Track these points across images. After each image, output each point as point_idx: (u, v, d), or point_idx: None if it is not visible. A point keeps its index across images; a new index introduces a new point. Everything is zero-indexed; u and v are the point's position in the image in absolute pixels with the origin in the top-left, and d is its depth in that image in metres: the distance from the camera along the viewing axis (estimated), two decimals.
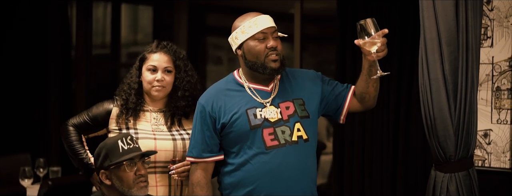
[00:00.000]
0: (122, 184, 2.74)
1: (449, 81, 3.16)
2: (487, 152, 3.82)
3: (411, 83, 4.09)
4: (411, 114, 4.10)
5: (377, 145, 4.21)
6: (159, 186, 3.13)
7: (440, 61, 3.17)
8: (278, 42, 2.91)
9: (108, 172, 2.76)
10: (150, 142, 3.09)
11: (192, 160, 2.98)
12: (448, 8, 3.14)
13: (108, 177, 2.76)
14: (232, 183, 2.94)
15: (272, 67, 2.88)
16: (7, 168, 4.81)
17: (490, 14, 3.77)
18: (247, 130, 2.88)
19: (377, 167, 4.21)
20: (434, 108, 3.19)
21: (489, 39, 3.78)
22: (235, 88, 2.96)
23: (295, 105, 2.95)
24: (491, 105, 3.79)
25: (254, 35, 2.87)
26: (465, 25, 3.16)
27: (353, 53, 4.28)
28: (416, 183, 4.11)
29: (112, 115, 3.17)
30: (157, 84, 3.12)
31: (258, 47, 2.87)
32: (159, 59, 3.14)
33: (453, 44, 3.15)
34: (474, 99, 3.23)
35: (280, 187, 2.89)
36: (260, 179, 2.89)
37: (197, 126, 2.96)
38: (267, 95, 2.95)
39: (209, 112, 2.92)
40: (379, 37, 2.77)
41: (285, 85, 2.99)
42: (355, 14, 4.23)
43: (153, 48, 3.18)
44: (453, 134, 3.19)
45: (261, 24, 2.87)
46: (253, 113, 2.90)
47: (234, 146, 2.93)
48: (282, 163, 2.88)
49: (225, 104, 2.92)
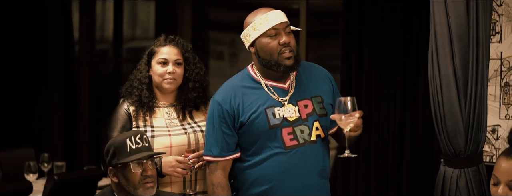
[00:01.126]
0: (128, 183, 2.72)
1: (459, 76, 3.16)
2: (495, 147, 3.82)
3: (417, 79, 4.08)
4: (417, 109, 4.09)
5: (383, 141, 4.20)
6: (174, 183, 3.13)
7: (451, 56, 3.15)
8: (291, 37, 2.84)
9: (115, 170, 2.74)
10: (165, 139, 3.10)
11: (212, 159, 2.91)
12: (459, 3, 3.14)
13: (116, 175, 2.74)
14: (248, 180, 2.91)
15: (286, 65, 2.81)
16: (11, 163, 4.79)
17: (499, 9, 3.76)
18: (266, 130, 2.83)
19: (383, 163, 4.20)
20: (444, 103, 3.19)
21: (498, 34, 3.77)
22: (251, 85, 2.89)
23: (314, 103, 2.90)
24: (499, 100, 3.78)
25: (266, 31, 2.80)
26: (475, 20, 3.15)
27: (358, 48, 4.26)
28: (423, 179, 4.10)
29: (131, 114, 3.15)
30: (168, 77, 3.12)
31: (270, 44, 2.80)
32: (169, 52, 3.14)
33: (463, 39, 3.15)
34: (484, 94, 3.23)
35: (296, 187, 2.86)
36: (277, 178, 2.86)
37: (215, 124, 2.88)
38: (285, 92, 2.89)
39: (227, 110, 2.85)
40: (353, 117, 2.68)
41: (302, 81, 2.93)
42: (361, 9, 4.22)
43: (162, 42, 3.18)
44: (463, 130, 3.19)
45: (272, 20, 2.79)
46: (272, 112, 2.84)
47: (252, 145, 2.88)
48: (300, 162, 2.86)
49: (243, 102, 2.85)
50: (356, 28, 4.25)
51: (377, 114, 4.19)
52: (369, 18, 4.19)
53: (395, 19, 4.13)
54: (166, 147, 3.09)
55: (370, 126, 4.20)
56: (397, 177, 4.17)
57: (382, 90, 4.19)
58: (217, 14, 6.15)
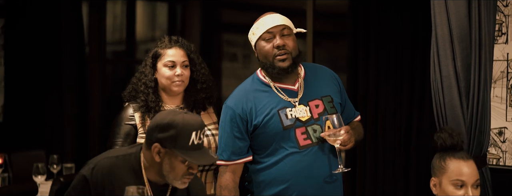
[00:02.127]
0: (171, 171, 2.52)
1: (461, 78, 3.13)
2: (502, 150, 3.76)
3: (424, 78, 4.05)
4: (424, 109, 4.06)
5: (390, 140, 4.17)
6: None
7: (452, 57, 3.13)
8: (289, 39, 2.92)
9: (164, 151, 2.52)
10: None
11: (223, 163, 2.98)
12: (460, 4, 3.10)
13: (159, 154, 2.52)
14: (264, 181, 2.97)
15: (280, 67, 2.90)
16: (22, 165, 4.83)
17: (505, 10, 3.70)
18: (280, 131, 2.91)
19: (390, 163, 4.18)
20: (446, 105, 3.16)
21: (504, 35, 3.72)
22: (262, 89, 2.98)
23: (324, 102, 2.98)
24: (506, 102, 3.73)
25: (261, 35, 2.92)
26: (478, 22, 3.12)
27: (364, 49, 4.24)
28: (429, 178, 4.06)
29: (136, 121, 3.12)
30: (177, 79, 3.11)
31: (266, 47, 2.92)
32: (176, 54, 3.13)
33: (465, 40, 3.12)
34: (487, 97, 3.19)
35: (312, 185, 2.93)
36: (293, 177, 2.93)
37: (226, 129, 2.96)
38: (295, 94, 2.97)
39: (240, 115, 2.94)
40: (340, 132, 2.83)
41: (310, 82, 3.01)
42: (367, 10, 4.19)
43: (167, 43, 3.16)
44: (465, 132, 3.15)
45: (267, 23, 2.91)
46: (284, 113, 2.92)
47: (267, 146, 2.95)
48: (315, 161, 2.93)
49: (256, 105, 2.94)
50: (362, 28, 4.23)
51: (383, 114, 4.17)
52: (375, 18, 4.17)
53: (401, 19, 4.10)
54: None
55: (377, 126, 4.18)
56: (404, 177, 4.14)
57: (388, 90, 4.17)
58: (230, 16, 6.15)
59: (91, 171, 2.58)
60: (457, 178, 2.64)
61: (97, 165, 2.59)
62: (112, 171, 2.57)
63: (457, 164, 2.66)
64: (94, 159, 2.65)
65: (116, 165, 2.58)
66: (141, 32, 6.41)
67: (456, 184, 2.64)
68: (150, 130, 2.55)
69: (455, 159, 2.68)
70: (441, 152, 2.76)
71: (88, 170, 2.59)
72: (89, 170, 2.59)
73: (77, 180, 2.61)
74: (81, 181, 2.59)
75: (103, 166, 2.58)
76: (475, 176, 2.63)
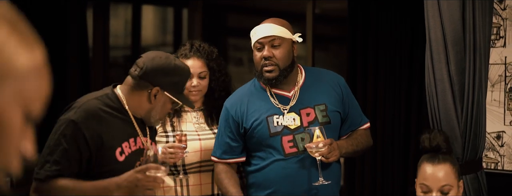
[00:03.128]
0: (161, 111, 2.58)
1: (455, 82, 3.10)
2: (500, 154, 3.74)
3: (422, 83, 4.00)
4: (422, 112, 4.04)
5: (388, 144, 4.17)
6: (204, 184, 3.21)
7: (446, 61, 3.11)
8: (278, 50, 2.94)
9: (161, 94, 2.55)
10: (195, 144, 3.16)
11: (215, 160, 3.08)
12: (453, 7, 3.08)
13: (155, 97, 2.55)
14: (255, 183, 3.03)
15: (265, 77, 2.95)
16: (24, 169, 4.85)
17: (503, 13, 3.68)
18: (266, 137, 2.95)
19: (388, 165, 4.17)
20: (440, 109, 3.15)
21: (502, 39, 3.69)
22: (257, 93, 3.03)
23: (316, 111, 2.98)
24: (504, 106, 3.71)
25: (253, 44, 2.98)
26: (472, 25, 3.10)
27: (363, 53, 4.23)
28: None
29: None
30: (193, 90, 3.18)
31: (256, 57, 2.98)
32: (193, 65, 3.15)
33: (459, 44, 3.09)
34: (482, 100, 3.17)
35: (297, 191, 2.94)
36: (278, 184, 2.96)
37: (221, 128, 3.05)
38: (288, 101, 2.99)
39: (232, 116, 3.00)
40: (319, 145, 2.83)
41: (307, 90, 3.02)
42: (366, 13, 4.18)
43: (187, 52, 3.21)
44: (460, 136, 3.13)
45: (258, 33, 2.95)
46: (273, 120, 2.95)
47: (256, 150, 3.01)
48: (299, 169, 2.94)
49: (248, 109, 2.99)
50: (361, 32, 4.23)
51: (382, 117, 4.17)
52: (374, 22, 4.17)
53: (400, 22, 4.10)
54: (197, 151, 3.16)
55: (375, 129, 4.17)
56: (403, 179, 4.13)
57: (387, 94, 4.16)
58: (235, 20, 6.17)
59: (78, 115, 2.46)
60: (423, 182, 2.61)
61: (81, 108, 2.48)
62: (97, 112, 2.49)
63: (425, 167, 2.62)
64: (75, 104, 2.54)
65: (99, 105, 2.52)
66: (152, 37, 6.45)
67: (421, 188, 2.61)
68: (150, 73, 2.52)
69: (426, 162, 2.65)
70: (423, 154, 2.75)
71: (74, 114, 2.46)
72: (75, 114, 2.46)
73: (64, 127, 2.44)
74: (70, 127, 2.44)
75: (88, 108, 2.49)
76: (443, 181, 2.55)
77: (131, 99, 2.56)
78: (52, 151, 2.41)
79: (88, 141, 2.43)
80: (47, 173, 2.40)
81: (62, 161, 2.40)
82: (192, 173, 3.19)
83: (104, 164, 2.47)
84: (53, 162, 2.40)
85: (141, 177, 2.37)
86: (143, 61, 2.55)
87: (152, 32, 6.49)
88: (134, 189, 2.37)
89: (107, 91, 2.60)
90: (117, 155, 2.50)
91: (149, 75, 2.52)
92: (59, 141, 2.43)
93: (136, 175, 2.36)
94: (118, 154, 2.50)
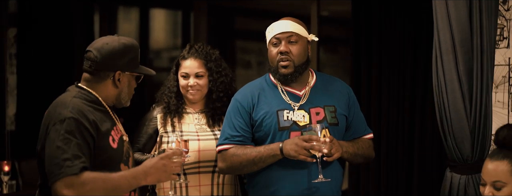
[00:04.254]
0: (128, 91, 2.63)
1: (464, 82, 3.17)
2: None
3: (426, 83, 4.05)
4: (426, 113, 4.07)
5: (393, 146, 4.18)
6: (203, 186, 3.24)
7: (455, 62, 3.17)
8: (295, 47, 2.98)
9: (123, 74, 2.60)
10: (194, 144, 3.20)
11: (225, 147, 3.01)
12: (461, 9, 3.15)
13: (120, 81, 2.59)
14: (258, 182, 3.03)
15: (281, 73, 2.99)
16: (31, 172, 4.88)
17: (506, 14, 3.68)
18: (275, 131, 2.96)
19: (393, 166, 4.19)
20: (450, 109, 3.19)
21: (506, 39, 3.69)
22: (269, 88, 3.05)
23: (326, 111, 3.01)
24: (508, 107, 3.70)
25: (270, 40, 3.00)
26: (479, 27, 3.16)
27: (367, 54, 4.25)
28: (432, 181, 4.08)
29: (158, 120, 3.31)
30: (190, 89, 3.27)
31: (272, 52, 3.00)
32: (190, 65, 3.27)
33: (466, 45, 3.16)
34: (489, 101, 3.23)
35: (300, 190, 2.95)
36: (281, 180, 2.97)
37: (231, 118, 3.03)
38: (298, 99, 3.02)
39: (244, 107, 3.02)
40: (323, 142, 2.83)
41: (318, 91, 3.06)
42: (369, 16, 4.20)
43: (185, 54, 3.31)
44: (469, 135, 3.19)
45: (275, 29, 2.98)
46: (283, 114, 2.97)
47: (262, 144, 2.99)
48: (302, 167, 2.94)
49: (259, 101, 3.02)
50: (365, 34, 4.25)
51: (386, 118, 4.18)
52: (377, 24, 4.19)
53: (403, 24, 4.12)
54: (195, 151, 3.20)
55: (380, 130, 4.20)
56: (406, 180, 4.14)
57: (391, 95, 4.17)
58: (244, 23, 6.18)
59: (72, 111, 2.46)
60: (481, 174, 2.63)
61: (70, 106, 2.49)
62: (84, 107, 2.51)
63: (486, 161, 2.63)
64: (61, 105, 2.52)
65: (82, 101, 2.54)
66: (164, 40, 6.47)
67: (480, 180, 2.63)
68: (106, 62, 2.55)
69: (488, 156, 2.66)
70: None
71: (68, 113, 2.46)
72: (70, 112, 2.46)
73: (66, 125, 2.42)
74: (71, 123, 2.43)
75: (76, 104, 2.51)
76: (495, 177, 2.54)
77: (99, 92, 2.60)
78: (65, 150, 2.37)
79: (91, 132, 2.45)
80: (76, 167, 2.34)
81: (80, 154, 2.38)
82: (191, 174, 3.22)
83: (102, 153, 2.48)
84: (73, 157, 2.36)
85: (167, 162, 2.46)
86: (93, 54, 2.56)
87: (162, 35, 6.51)
88: (162, 174, 2.45)
89: (76, 89, 2.61)
90: (111, 143, 2.53)
91: (105, 64, 2.56)
92: (68, 139, 2.40)
93: (162, 162, 2.44)
94: (111, 141, 2.54)
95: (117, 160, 2.54)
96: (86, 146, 2.42)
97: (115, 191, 2.39)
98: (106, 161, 2.49)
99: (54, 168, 2.36)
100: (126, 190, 2.44)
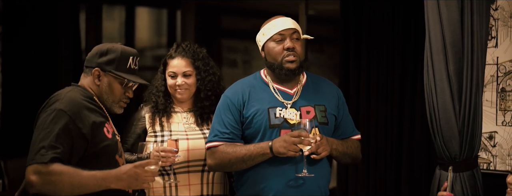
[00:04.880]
0: (110, 93, 2.70)
1: (453, 82, 3.20)
2: (492, 154, 3.76)
3: (415, 84, 4.07)
4: (415, 113, 4.08)
5: (381, 145, 4.19)
6: (192, 185, 3.23)
7: (445, 62, 3.20)
8: (298, 43, 2.99)
9: (103, 74, 2.69)
10: (183, 143, 3.19)
11: (215, 144, 3.01)
12: (452, 10, 3.18)
13: (99, 79, 2.70)
14: (246, 180, 3.03)
15: (288, 68, 2.97)
16: (17, 171, 4.85)
17: (495, 14, 3.71)
18: (266, 128, 2.96)
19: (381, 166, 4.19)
20: (439, 108, 3.23)
21: (494, 39, 3.72)
22: (260, 86, 3.05)
23: (316, 110, 3.02)
24: (496, 106, 3.73)
25: (272, 36, 2.98)
26: (470, 28, 3.19)
27: (356, 54, 4.25)
28: (421, 180, 4.09)
29: (146, 120, 3.30)
30: (178, 89, 3.26)
31: (276, 48, 2.98)
32: (178, 65, 3.26)
33: (457, 45, 3.19)
34: (479, 101, 3.27)
35: (288, 187, 2.95)
36: (270, 179, 2.97)
37: (221, 115, 3.02)
38: (290, 97, 3.02)
39: (234, 103, 3.01)
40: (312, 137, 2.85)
41: (308, 90, 3.06)
42: (358, 15, 4.21)
43: (172, 53, 3.30)
44: (458, 134, 3.23)
45: (279, 25, 2.98)
46: (274, 112, 2.98)
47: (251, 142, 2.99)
48: (289, 162, 2.95)
49: (250, 98, 3.01)
50: (353, 34, 4.25)
51: (375, 117, 4.19)
52: (366, 24, 4.19)
53: (392, 24, 4.12)
54: (183, 151, 3.19)
55: (368, 129, 4.20)
56: (395, 178, 4.15)
57: (380, 94, 4.18)
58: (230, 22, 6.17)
59: (64, 104, 2.56)
60: None
61: (65, 98, 2.59)
62: (79, 99, 2.61)
63: None
64: (56, 97, 2.63)
65: (78, 95, 2.65)
66: (147, 39, 6.45)
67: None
68: (90, 58, 2.72)
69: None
70: None
71: (60, 104, 2.56)
72: (61, 104, 2.56)
73: (54, 116, 2.53)
74: (59, 115, 2.53)
75: (71, 97, 2.60)
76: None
77: (91, 89, 2.72)
78: (44, 137, 2.48)
79: (78, 126, 2.52)
80: (47, 156, 2.45)
81: (57, 145, 2.47)
82: (181, 173, 3.21)
83: (99, 142, 2.58)
84: (49, 146, 2.46)
85: (140, 171, 2.49)
86: (87, 54, 2.76)
87: (147, 34, 6.49)
88: (133, 182, 2.49)
89: (71, 86, 2.74)
90: (106, 133, 2.63)
91: (89, 60, 2.72)
92: (51, 128, 2.50)
93: (135, 170, 2.48)
94: (106, 132, 2.63)
95: (113, 151, 2.65)
96: (68, 139, 2.50)
97: (81, 188, 2.46)
98: (104, 149, 2.59)
99: (30, 154, 2.48)
100: (93, 190, 2.49)
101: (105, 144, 2.59)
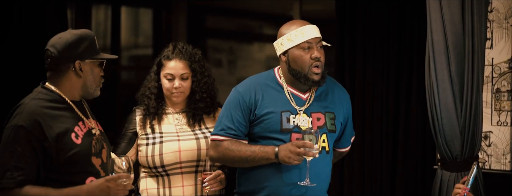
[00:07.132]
0: (93, 80, 2.65)
1: (455, 82, 3.25)
2: (488, 154, 3.82)
3: (410, 83, 4.10)
4: (410, 113, 4.11)
5: (377, 144, 4.21)
6: (186, 186, 3.19)
7: (447, 63, 3.25)
8: (322, 53, 2.97)
9: (82, 63, 2.63)
10: (174, 144, 3.16)
11: (220, 138, 3.01)
12: (455, 11, 3.22)
13: (82, 70, 2.63)
14: (246, 179, 3.03)
15: (313, 80, 2.95)
16: None
17: (490, 16, 3.77)
18: (276, 131, 2.95)
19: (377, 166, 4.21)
20: (441, 108, 3.27)
21: (489, 40, 3.78)
22: (274, 87, 3.02)
23: (326, 118, 3.01)
24: (491, 107, 3.79)
25: (299, 44, 2.94)
26: (471, 28, 3.24)
27: (351, 54, 4.27)
28: (416, 179, 4.13)
29: (137, 123, 3.25)
30: (175, 91, 3.19)
31: (303, 57, 2.93)
32: (175, 67, 3.19)
33: (459, 46, 3.24)
34: (479, 101, 3.32)
35: (286, 189, 2.95)
36: (272, 181, 2.97)
37: (230, 110, 3.00)
38: (302, 102, 3.01)
39: (246, 101, 2.98)
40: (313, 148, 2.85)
41: (321, 96, 3.04)
42: (353, 15, 4.23)
43: (169, 55, 3.22)
44: (459, 134, 3.27)
45: (307, 33, 2.93)
46: (287, 117, 2.96)
47: (257, 141, 2.98)
48: (296, 168, 2.95)
49: (263, 98, 2.98)
50: (349, 34, 4.27)
51: (370, 117, 4.21)
52: (361, 24, 4.22)
53: (387, 24, 4.15)
54: (175, 152, 3.16)
55: (364, 127, 4.22)
56: (390, 176, 4.18)
57: (375, 93, 4.21)
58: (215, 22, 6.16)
59: (23, 119, 2.50)
60: None
61: (24, 112, 2.53)
62: (39, 109, 2.54)
63: None
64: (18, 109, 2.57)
65: (38, 103, 2.57)
66: (125, 39, 6.40)
67: None
68: (63, 55, 2.60)
69: None
70: None
71: (19, 120, 2.51)
72: (20, 119, 2.51)
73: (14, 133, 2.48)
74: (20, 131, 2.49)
75: (30, 109, 2.54)
76: None
77: (63, 86, 2.64)
78: (8, 159, 2.45)
79: (40, 139, 2.49)
80: (14, 180, 2.44)
81: (21, 165, 2.45)
82: (174, 175, 3.19)
83: (66, 150, 2.53)
84: (14, 168, 2.44)
85: (112, 185, 2.48)
86: (50, 51, 2.63)
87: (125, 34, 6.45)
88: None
89: (39, 89, 2.65)
90: (74, 139, 2.56)
91: (63, 57, 2.61)
92: (13, 147, 2.47)
93: (107, 184, 2.47)
94: (74, 138, 2.57)
95: (86, 156, 2.59)
96: (32, 157, 2.46)
97: None
98: (73, 157, 2.53)
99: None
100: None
101: (73, 152, 2.53)
